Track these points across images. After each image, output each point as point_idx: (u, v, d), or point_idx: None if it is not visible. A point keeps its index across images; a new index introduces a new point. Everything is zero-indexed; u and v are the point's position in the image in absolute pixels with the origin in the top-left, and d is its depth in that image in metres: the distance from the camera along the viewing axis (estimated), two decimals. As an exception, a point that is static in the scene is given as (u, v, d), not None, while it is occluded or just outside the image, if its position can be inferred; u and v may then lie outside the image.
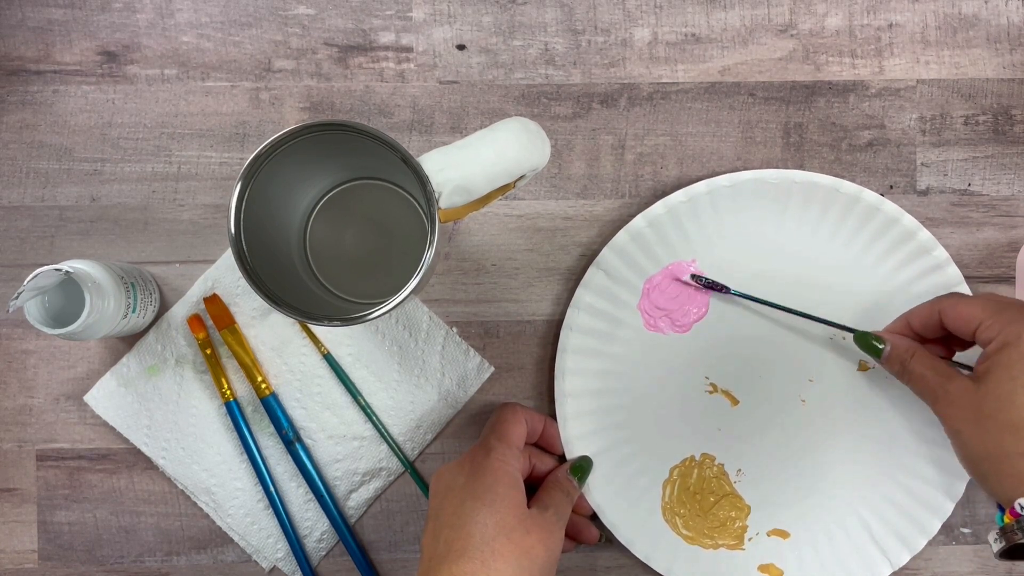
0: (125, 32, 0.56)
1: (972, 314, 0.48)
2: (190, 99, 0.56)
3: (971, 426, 0.46)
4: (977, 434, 0.45)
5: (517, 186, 0.46)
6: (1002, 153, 0.57)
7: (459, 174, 0.44)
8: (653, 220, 0.55)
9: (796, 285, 0.56)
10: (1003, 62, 0.57)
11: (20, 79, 0.56)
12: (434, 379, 0.56)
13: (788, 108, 0.57)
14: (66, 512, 0.56)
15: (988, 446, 0.45)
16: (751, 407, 0.56)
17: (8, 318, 0.56)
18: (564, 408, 0.55)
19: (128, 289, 0.51)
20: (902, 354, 0.50)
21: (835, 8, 0.57)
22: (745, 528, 0.56)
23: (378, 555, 0.57)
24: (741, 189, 0.55)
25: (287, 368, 0.56)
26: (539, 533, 0.47)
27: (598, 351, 0.56)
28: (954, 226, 0.57)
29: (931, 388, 0.48)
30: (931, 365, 0.49)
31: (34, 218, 0.56)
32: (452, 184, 0.44)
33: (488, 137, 0.44)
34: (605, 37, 0.57)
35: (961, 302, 0.49)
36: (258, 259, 0.45)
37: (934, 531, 0.55)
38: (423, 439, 0.56)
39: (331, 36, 0.56)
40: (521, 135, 0.45)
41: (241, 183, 0.44)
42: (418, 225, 0.54)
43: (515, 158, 0.44)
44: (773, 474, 0.56)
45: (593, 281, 0.55)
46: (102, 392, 0.56)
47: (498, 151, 0.44)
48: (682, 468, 0.56)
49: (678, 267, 0.56)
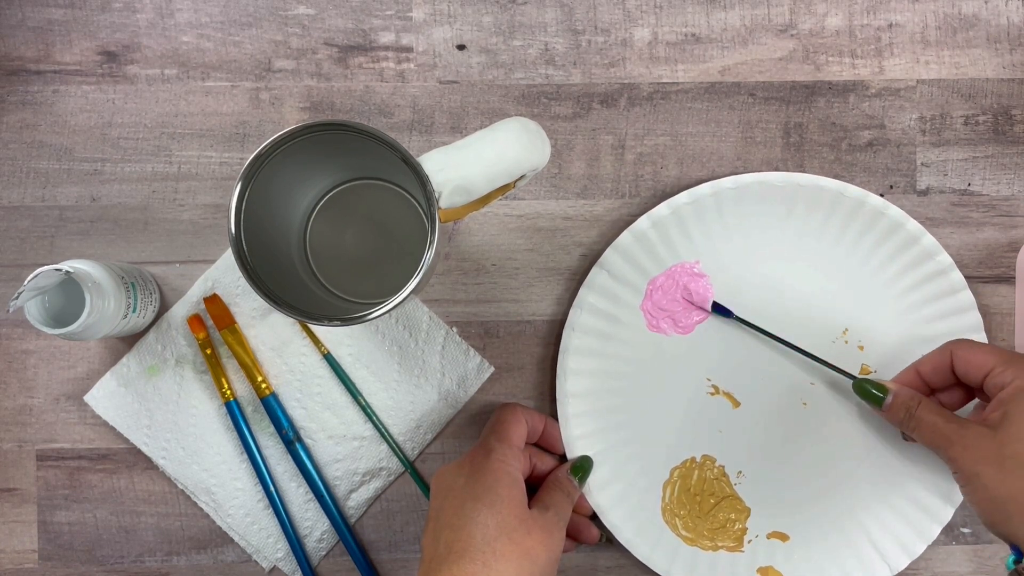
0: (125, 32, 0.56)
1: (984, 360, 0.48)
2: (190, 99, 0.56)
3: (992, 468, 0.45)
4: (999, 476, 0.45)
5: (517, 186, 0.46)
6: (1002, 153, 0.57)
7: (459, 174, 0.44)
8: (657, 221, 0.55)
9: (798, 288, 0.55)
10: (1003, 62, 0.57)
11: (20, 79, 0.56)
12: (434, 379, 0.56)
13: (788, 108, 0.57)
14: (66, 512, 0.56)
15: (1012, 487, 0.45)
16: (752, 409, 0.56)
17: (8, 318, 0.56)
18: (566, 408, 0.55)
19: (128, 289, 0.51)
20: (907, 402, 0.50)
21: (835, 8, 0.57)
22: (745, 530, 0.56)
23: (378, 555, 0.57)
24: (745, 191, 0.55)
25: (287, 368, 0.56)
26: (540, 534, 0.47)
27: (600, 351, 0.56)
28: (954, 226, 0.57)
29: (943, 434, 0.48)
30: (939, 411, 0.49)
31: (34, 218, 0.56)
32: (452, 184, 0.43)
33: (488, 137, 0.44)
34: (605, 37, 0.57)
35: (974, 347, 0.49)
36: (258, 259, 0.45)
37: (933, 536, 0.55)
38: (423, 439, 0.56)
39: (331, 36, 0.56)
40: (521, 135, 0.45)
41: (241, 183, 0.44)
42: (418, 225, 0.54)
43: (515, 158, 0.44)
44: (773, 477, 0.56)
45: (596, 281, 0.55)
46: (102, 392, 0.56)
47: (498, 151, 0.44)
48: (683, 469, 0.56)
49: (681, 268, 0.56)
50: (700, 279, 0.56)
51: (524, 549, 0.46)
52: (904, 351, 0.55)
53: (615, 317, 0.55)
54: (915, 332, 0.55)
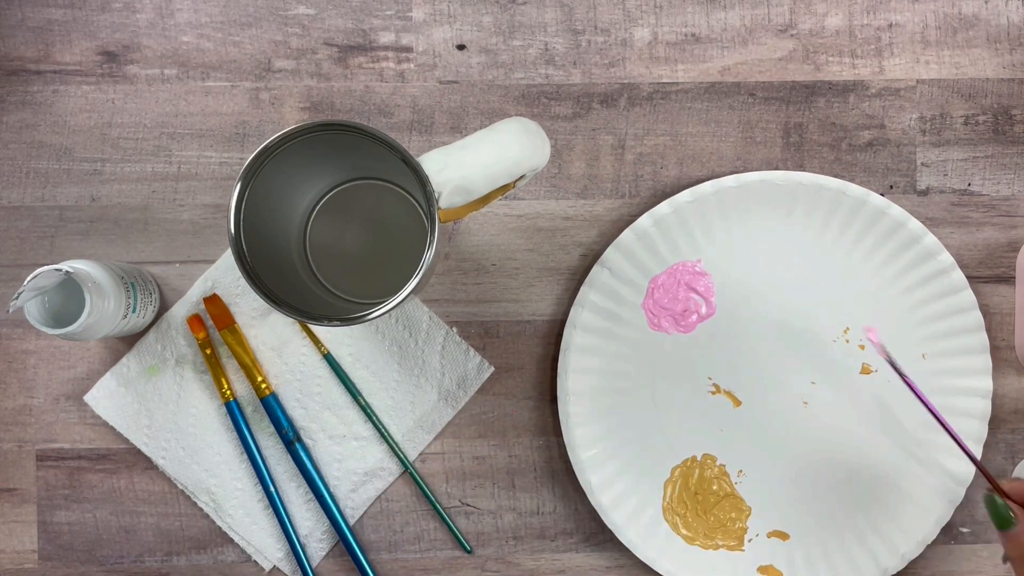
0: (125, 32, 0.56)
1: None
2: (190, 99, 0.56)
3: None
4: None
5: (517, 186, 0.46)
6: (1002, 153, 0.57)
7: (459, 174, 0.43)
8: (659, 219, 0.55)
9: (799, 287, 0.56)
10: (1003, 62, 0.57)
11: (20, 79, 0.56)
12: (434, 379, 0.56)
13: (788, 108, 0.57)
14: (66, 512, 0.56)
15: None
16: (753, 408, 0.56)
17: (8, 318, 0.56)
18: (567, 406, 0.55)
19: (128, 289, 0.51)
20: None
21: (835, 8, 0.57)
22: (745, 529, 0.56)
23: (378, 555, 0.57)
24: (747, 190, 0.55)
25: (287, 368, 0.56)
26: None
27: (602, 350, 0.56)
28: (954, 226, 0.57)
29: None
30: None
31: (34, 218, 0.56)
32: (452, 184, 0.43)
33: (488, 137, 0.44)
34: (605, 37, 0.57)
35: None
36: (258, 259, 0.45)
37: (933, 536, 0.55)
38: (423, 439, 0.56)
39: (331, 36, 0.56)
40: (521, 135, 0.45)
41: (241, 183, 0.44)
42: (418, 225, 0.54)
43: (515, 158, 0.44)
44: (774, 475, 0.56)
45: (598, 279, 0.55)
46: (102, 392, 0.56)
47: (498, 151, 0.44)
48: (683, 468, 0.56)
49: (683, 267, 0.56)
50: (702, 277, 0.56)
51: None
52: (905, 352, 0.55)
53: (616, 315, 0.55)
54: (916, 332, 0.56)
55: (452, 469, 0.57)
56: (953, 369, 0.55)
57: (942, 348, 0.55)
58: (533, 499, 0.57)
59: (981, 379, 0.55)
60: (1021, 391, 0.57)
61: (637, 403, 0.56)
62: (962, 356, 0.55)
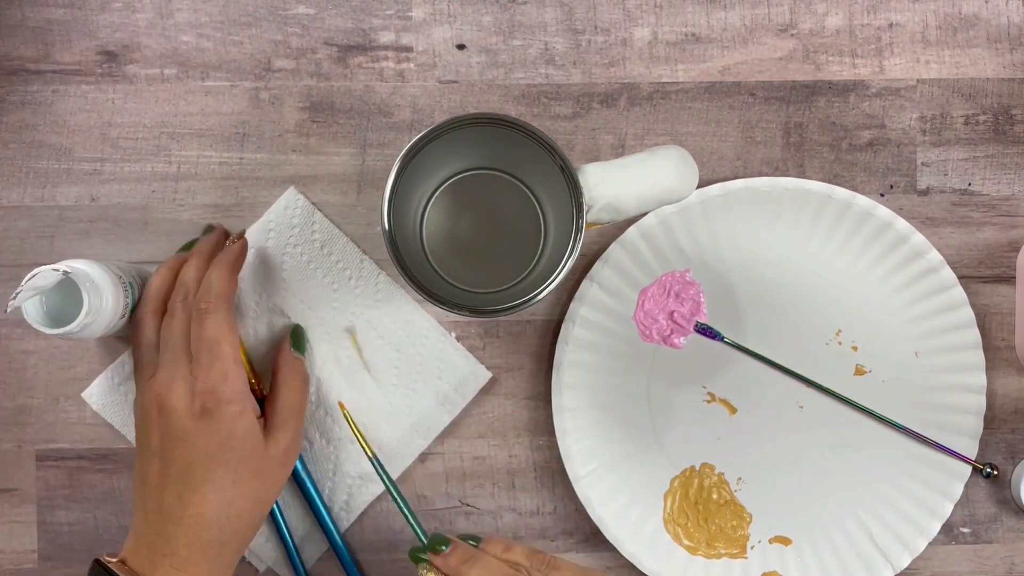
0: (125, 32, 0.56)
1: None
2: (190, 99, 0.56)
3: None
4: None
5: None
6: (1002, 153, 0.57)
7: (613, 192, 0.44)
8: (646, 231, 0.55)
9: (790, 291, 0.56)
10: (1003, 62, 0.57)
11: (20, 79, 0.56)
12: (431, 383, 0.56)
13: (788, 108, 0.57)
14: (66, 512, 0.56)
15: None
16: (749, 415, 0.56)
17: (7, 318, 0.56)
18: (563, 423, 0.55)
19: (126, 288, 0.51)
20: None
21: (835, 8, 0.57)
22: (747, 536, 0.56)
23: (378, 555, 0.56)
24: (732, 198, 0.55)
25: (287, 368, 0.56)
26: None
27: (594, 365, 0.55)
28: (954, 226, 0.57)
29: None
30: None
31: (34, 218, 0.56)
32: (604, 200, 0.45)
33: (648, 161, 0.45)
34: (605, 37, 0.57)
35: None
36: (404, 254, 0.46)
37: (934, 533, 0.55)
38: (419, 444, 0.56)
39: (331, 36, 0.56)
40: (680, 165, 0.46)
41: (394, 176, 0.44)
42: (531, 219, 0.52)
43: (669, 187, 0.45)
44: (773, 481, 0.56)
45: (587, 294, 0.55)
46: (100, 389, 0.56)
47: (655, 177, 0.45)
48: (683, 478, 0.56)
49: (672, 277, 0.56)
50: (691, 287, 0.56)
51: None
52: (898, 351, 0.55)
53: (607, 329, 0.55)
54: (908, 331, 0.56)
55: (452, 469, 0.57)
56: (946, 366, 0.55)
57: (935, 345, 0.55)
58: (533, 499, 0.57)
59: (975, 375, 0.55)
60: (1021, 391, 0.57)
61: (633, 416, 0.56)
62: (955, 352, 0.55)
